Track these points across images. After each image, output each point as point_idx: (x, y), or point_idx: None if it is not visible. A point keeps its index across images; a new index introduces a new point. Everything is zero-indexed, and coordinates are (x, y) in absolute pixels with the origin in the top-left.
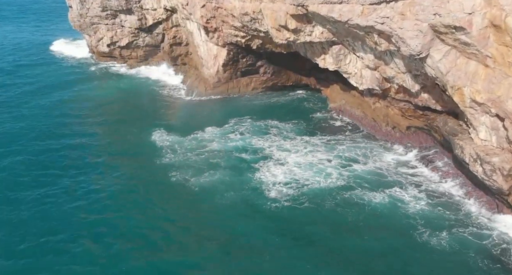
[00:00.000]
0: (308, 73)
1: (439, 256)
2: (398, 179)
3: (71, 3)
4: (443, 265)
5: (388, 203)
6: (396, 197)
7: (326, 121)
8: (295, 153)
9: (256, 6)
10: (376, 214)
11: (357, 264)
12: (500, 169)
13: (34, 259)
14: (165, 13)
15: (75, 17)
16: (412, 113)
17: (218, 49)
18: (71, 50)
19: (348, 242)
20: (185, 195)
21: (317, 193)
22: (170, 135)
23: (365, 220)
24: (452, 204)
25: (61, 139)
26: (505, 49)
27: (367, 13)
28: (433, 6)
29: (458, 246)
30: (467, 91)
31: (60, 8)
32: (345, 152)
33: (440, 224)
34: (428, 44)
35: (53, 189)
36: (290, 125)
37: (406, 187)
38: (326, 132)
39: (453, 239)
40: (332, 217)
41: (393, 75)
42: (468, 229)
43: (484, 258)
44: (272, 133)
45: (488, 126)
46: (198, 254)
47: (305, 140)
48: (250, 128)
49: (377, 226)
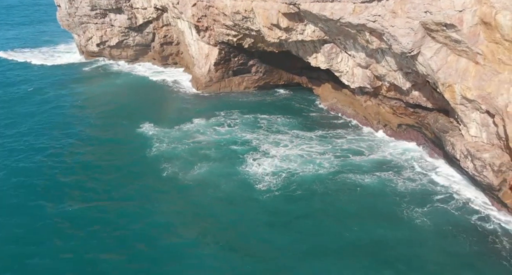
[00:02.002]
0: (300, 72)
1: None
2: (390, 166)
3: (59, 2)
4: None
5: (378, 184)
6: (386, 182)
7: (317, 116)
8: (285, 146)
9: (247, 5)
10: (366, 196)
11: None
12: (491, 164)
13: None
14: (156, 12)
15: (64, 17)
16: (403, 110)
17: (209, 48)
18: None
19: (340, 226)
20: (175, 187)
21: (307, 181)
22: (161, 127)
23: (356, 203)
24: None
25: (51, 131)
26: (495, 46)
27: (359, 11)
28: (424, 4)
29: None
30: (458, 88)
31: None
32: (337, 144)
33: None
34: (419, 42)
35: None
36: (281, 119)
37: (399, 172)
38: (316, 125)
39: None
40: (322, 202)
41: (384, 73)
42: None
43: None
44: (262, 126)
45: (479, 122)
46: (192, 247)
47: (295, 133)
48: (240, 121)
49: (367, 208)
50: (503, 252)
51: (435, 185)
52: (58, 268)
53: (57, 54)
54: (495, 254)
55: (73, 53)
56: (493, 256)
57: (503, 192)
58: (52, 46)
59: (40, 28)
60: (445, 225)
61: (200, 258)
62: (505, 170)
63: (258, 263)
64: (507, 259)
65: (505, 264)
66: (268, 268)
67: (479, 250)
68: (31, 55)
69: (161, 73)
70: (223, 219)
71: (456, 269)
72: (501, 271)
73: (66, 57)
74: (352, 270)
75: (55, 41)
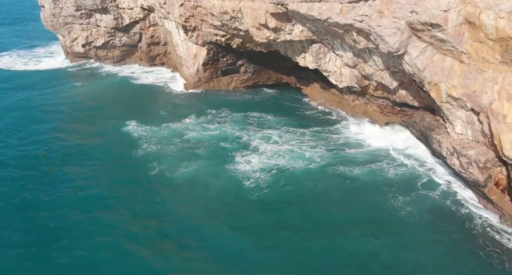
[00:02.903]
0: (288, 72)
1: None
2: (379, 159)
3: (43, 3)
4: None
5: (368, 174)
6: (376, 172)
7: (307, 113)
8: (274, 142)
9: (235, 5)
10: (355, 186)
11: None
12: (476, 161)
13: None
14: (142, 12)
15: (48, 17)
16: (391, 109)
17: (197, 48)
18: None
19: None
20: (163, 186)
21: (298, 175)
22: (149, 127)
23: (345, 194)
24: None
25: (36, 131)
26: (479, 45)
27: (346, 11)
28: (410, 4)
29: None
30: (444, 86)
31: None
32: (328, 139)
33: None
34: (406, 41)
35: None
36: (272, 116)
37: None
38: (307, 122)
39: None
40: (311, 194)
41: (371, 72)
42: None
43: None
44: (252, 123)
45: (464, 120)
46: (183, 246)
47: (285, 129)
48: (230, 119)
49: (357, 197)
50: (480, 239)
51: (419, 176)
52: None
53: (38, 58)
54: (471, 242)
55: (55, 57)
56: (469, 244)
57: (489, 188)
58: (30, 50)
59: (19, 29)
60: (427, 213)
61: (188, 256)
62: (490, 167)
63: (244, 260)
64: (482, 247)
65: (481, 251)
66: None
67: (458, 238)
68: (10, 59)
69: (149, 73)
70: (211, 217)
71: (436, 256)
72: (478, 259)
73: (48, 61)
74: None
75: (36, 44)
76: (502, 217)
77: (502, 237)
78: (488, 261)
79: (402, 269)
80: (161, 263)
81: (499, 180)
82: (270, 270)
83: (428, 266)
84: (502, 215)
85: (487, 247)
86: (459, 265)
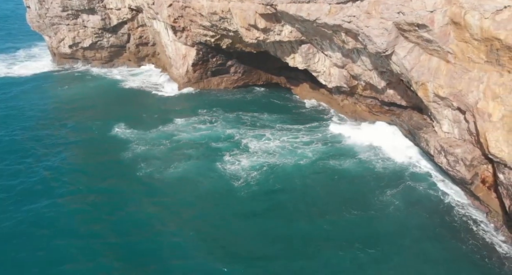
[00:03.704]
0: (278, 72)
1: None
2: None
3: (28, 3)
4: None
5: (358, 165)
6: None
7: (298, 110)
8: (266, 139)
9: (224, 5)
10: (345, 179)
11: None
12: (463, 159)
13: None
14: (130, 13)
15: (34, 18)
16: (379, 109)
17: (187, 48)
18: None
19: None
20: (151, 187)
21: (289, 171)
22: (139, 128)
23: (334, 187)
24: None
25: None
26: (464, 45)
27: (335, 12)
28: (397, 5)
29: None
30: (431, 86)
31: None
32: (316, 135)
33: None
34: (393, 42)
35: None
36: (264, 114)
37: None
38: (296, 119)
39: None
40: (303, 190)
41: (360, 72)
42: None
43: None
44: (244, 122)
45: (451, 119)
46: (169, 244)
47: (278, 127)
48: (221, 118)
49: (345, 190)
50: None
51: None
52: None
53: (21, 62)
54: (456, 240)
55: (39, 59)
56: (454, 241)
57: (476, 186)
58: (11, 54)
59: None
60: (413, 206)
61: (178, 254)
62: (476, 165)
63: (235, 257)
64: (464, 241)
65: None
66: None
67: (440, 223)
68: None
69: (138, 74)
70: (199, 217)
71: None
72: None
73: (32, 65)
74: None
75: (17, 46)
76: (488, 214)
77: (479, 229)
78: (471, 255)
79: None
80: (148, 265)
81: (485, 178)
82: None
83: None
84: (489, 212)
85: (468, 240)
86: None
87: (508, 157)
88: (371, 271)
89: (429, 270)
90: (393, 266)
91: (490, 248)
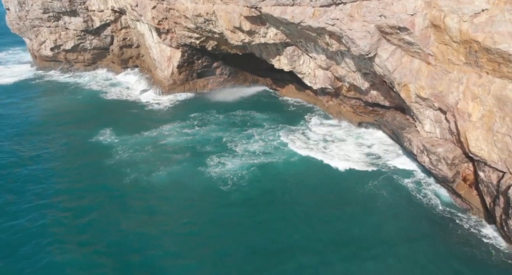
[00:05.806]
0: (264, 74)
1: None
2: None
3: (8, 5)
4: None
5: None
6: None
7: (284, 109)
8: (254, 141)
9: (209, 8)
10: (333, 176)
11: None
12: (445, 158)
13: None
14: (113, 15)
15: (14, 20)
16: (363, 109)
17: (171, 50)
18: None
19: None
20: (137, 192)
21: (279, 170)
22: (124, 133)
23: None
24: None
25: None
26: (444, 47)
27: (318, 15)
28: (378, 8)
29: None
30: (413, 87)
31: None
32: (304, 135)
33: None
34: (376, 44)
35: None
36: (252, 114)
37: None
38: (283, 117)
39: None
40: (292, 187)
41: (344, 74)
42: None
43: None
44: (234, 122)
45: (432, 119)
46: (156, 247)
47: (266, 126)
48: (211, 121)
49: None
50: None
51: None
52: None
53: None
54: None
55: (16, 65)
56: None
57: (457, 184)
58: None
59: None
60: (395, 198)
61: (166, 258)
62: (457, 163)
63: (220, 261)
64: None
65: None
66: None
67: (423, 221)
68: None
69: (122, 77)
70: (186, 219)
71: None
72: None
73: (7, 71)
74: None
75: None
76: (470, 211)
77: (461, 225)
78: (454, 251)
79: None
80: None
81: (467, 176)
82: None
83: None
84: (470, 208)
85: (450, 237)
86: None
87: (488, 156)
88: (354, 268)
89: (412, 266)
90: (376, 264)
91: (472, 244)
